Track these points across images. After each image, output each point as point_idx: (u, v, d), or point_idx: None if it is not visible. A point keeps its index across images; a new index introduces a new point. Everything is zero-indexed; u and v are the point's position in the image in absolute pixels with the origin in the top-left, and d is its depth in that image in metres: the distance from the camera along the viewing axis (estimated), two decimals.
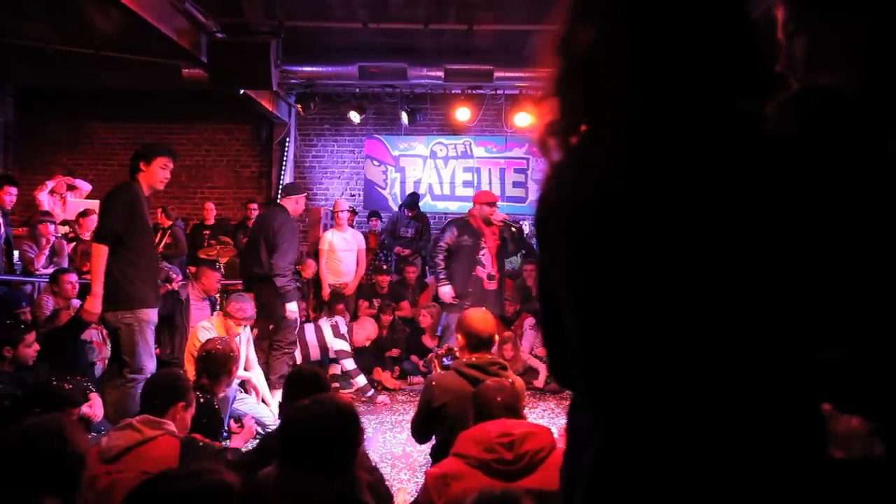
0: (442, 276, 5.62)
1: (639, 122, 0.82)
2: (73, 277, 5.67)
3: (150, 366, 3.96)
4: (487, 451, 2.21)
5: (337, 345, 5.78)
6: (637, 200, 0.78)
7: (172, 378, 2.83)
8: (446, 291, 5.59)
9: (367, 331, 6.23)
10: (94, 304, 3.78)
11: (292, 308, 5.26)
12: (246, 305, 4.76)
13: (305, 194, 5.81)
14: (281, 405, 2.84)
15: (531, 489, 2.10)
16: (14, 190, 6.28)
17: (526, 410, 4.13)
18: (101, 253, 3.80)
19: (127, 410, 3.81)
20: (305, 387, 2.73)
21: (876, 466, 0.88)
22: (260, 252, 5.25)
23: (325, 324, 5.91)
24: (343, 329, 5.96)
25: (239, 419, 3.67)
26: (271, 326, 5.31)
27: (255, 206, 8.36)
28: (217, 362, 3.59)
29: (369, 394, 5.69)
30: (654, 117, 0.81)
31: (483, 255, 5.58)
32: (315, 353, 5.85)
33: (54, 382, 2.98)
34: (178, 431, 2.49)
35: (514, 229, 5.76)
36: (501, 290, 5.74)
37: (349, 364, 5.73)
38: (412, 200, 8.42)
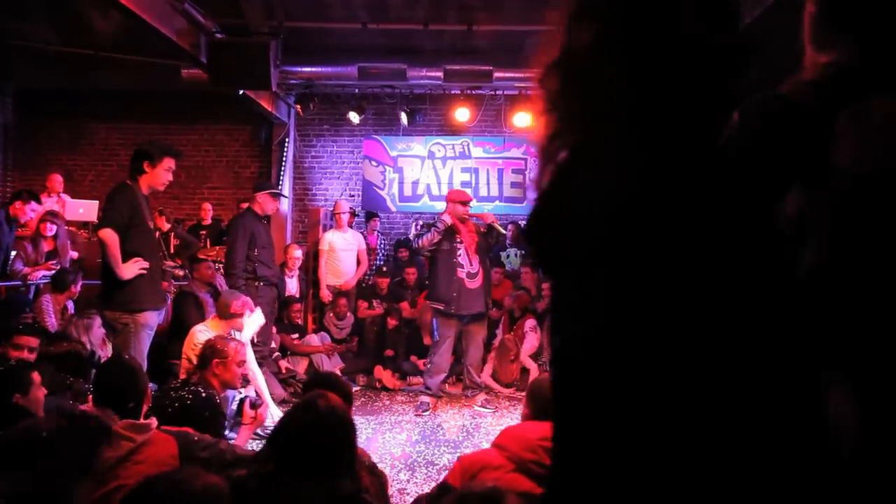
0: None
1: (636, 125, 0.85)
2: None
3: None
4: (529, 451, 2.14)
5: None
6: (641, 209, 0.84)
7: (126, 373, 2.68)
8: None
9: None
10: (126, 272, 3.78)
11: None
12: (243, 297, 4.85)
13: (267, 191, 5.80)
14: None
15: None
16: (36, 206, 6.26)
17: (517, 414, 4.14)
18: (112, 239, 3.77)
19: None
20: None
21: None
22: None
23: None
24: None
25: (255, 405, 3.67)
26: None
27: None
28: (201, 354, 3.79)
29: None
30: (650, 117, 0.84)
31: (460, 255, 5.52)
32: None
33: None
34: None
35: (497, 229, 5.66)
36: (486, 285, 5.64)
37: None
38: (399, 245, 8.47)
